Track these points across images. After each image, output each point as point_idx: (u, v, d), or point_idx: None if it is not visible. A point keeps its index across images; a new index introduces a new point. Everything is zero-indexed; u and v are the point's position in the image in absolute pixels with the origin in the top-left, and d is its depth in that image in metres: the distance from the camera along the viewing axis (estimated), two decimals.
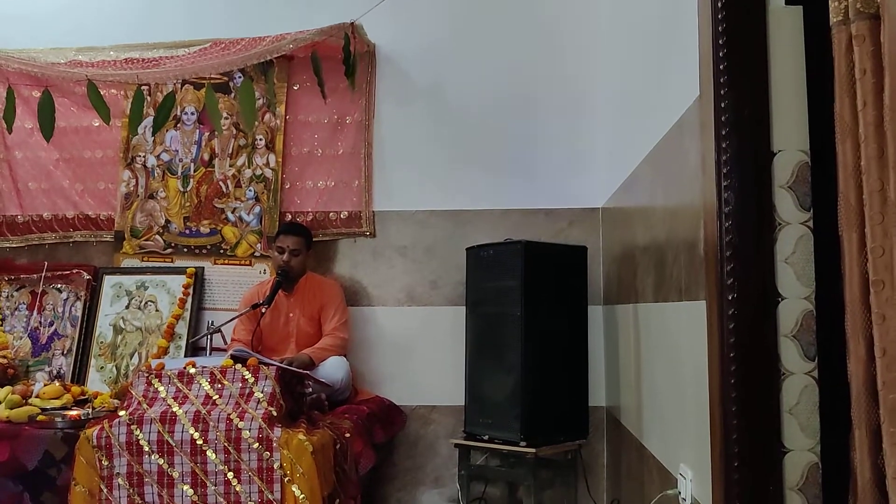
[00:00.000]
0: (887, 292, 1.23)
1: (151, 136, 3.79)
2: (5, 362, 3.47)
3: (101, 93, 3.22)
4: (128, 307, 3.68)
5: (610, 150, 3.38)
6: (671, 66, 2.14)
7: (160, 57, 3.61)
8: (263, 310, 3.30)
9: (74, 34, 3.75)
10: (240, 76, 3.76)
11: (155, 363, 2.79)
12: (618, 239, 3.17)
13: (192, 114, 3.84)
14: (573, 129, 3.63)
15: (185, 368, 2.72)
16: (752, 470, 1.52)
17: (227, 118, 3.80)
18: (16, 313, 3.74)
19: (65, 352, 3.64)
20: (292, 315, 3.44)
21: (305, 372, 2.97)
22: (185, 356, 3.47)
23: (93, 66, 3.59)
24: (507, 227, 3.57)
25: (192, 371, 2.71)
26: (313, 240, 3.55)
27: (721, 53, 1.59)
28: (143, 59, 3.61)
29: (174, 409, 2.59)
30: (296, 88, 3.80)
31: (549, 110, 3.65)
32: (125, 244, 3.79)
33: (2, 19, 3.87)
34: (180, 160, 3.83)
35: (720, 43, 1.59)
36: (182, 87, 3.83)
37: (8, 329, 3.70)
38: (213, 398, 2.64)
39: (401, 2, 3.56)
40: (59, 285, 3.74)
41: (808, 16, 1.58)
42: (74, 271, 3.72)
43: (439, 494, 3.57)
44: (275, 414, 2.58)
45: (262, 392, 2.63)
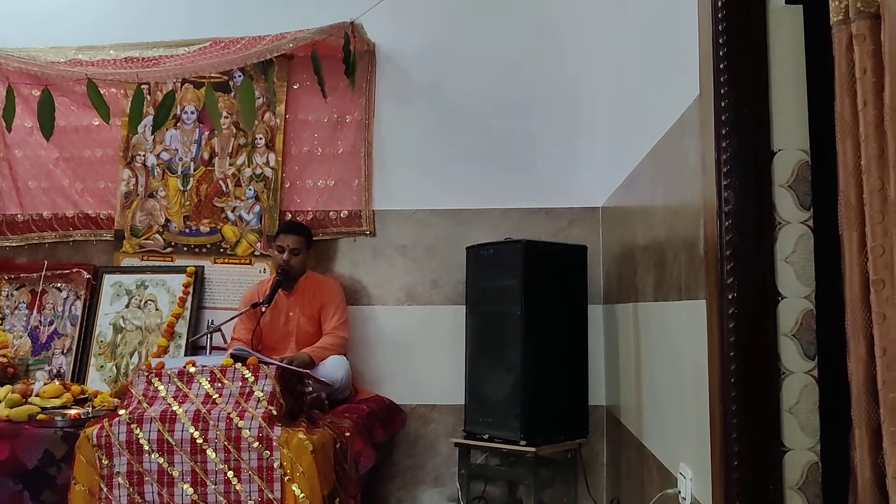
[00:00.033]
0: (887, 291, 1.23)
1: (151, 134, 3.79)
2: (5, 361, 3.47)
3: (101, 92, 3.22)
4: (128, 306, 3.68)
5: (610, 149, 3.38)
6: (671, 66, 2.14)
7: (160, 56, 3.61)
8: (263, 309, 3.30)
9: (74, 33, 3.76)
10: (240, 75, 3.76)
11: (155, 362, 2.79)
12: (618, 238, 3.17)
13: (192, 113, 3.84)
14: (573, 128, 3.63)
15: (185, 367, 2.72)
16: (752, 469, 1.52)
17: (226, 117, 3.79)
18: (16, 312, 3.74)
19: (65, 351, 3.64)
20: (292, 314, 3.44)
21: (305, 371, 2.97)
22: (185, 355, 3.47)
23: (93, 64, 3.60)
24: (508, 227, 3.57)
25: (192, 370, 2.71)
26: (313, 239, 3.55)
27: (721, 52, 1.59)
28: (142, 58, 3.62)
29: (174, 408, 2.59)
30: (296, 87, 3.80)
31: (549, 109, 3.65)
32: (125, 243, 3.79)
33: (2, 18, 3.87)
34: (180, 159, 3.82)
35: (720, 42, 1.59)
36: (182, 86, 3.83)
37: (8, 328, 3.70)
38: (213, 397, 2.64)
39: (401, 1, 3.56)
40: (59, 284, 3.74)
41: (808, 15, 1.58)
42: (74, 270, 3.72)
43: (439, 493, 3.57)
44: (275, 413, 2.58)
45: (262, 391, 2.63)
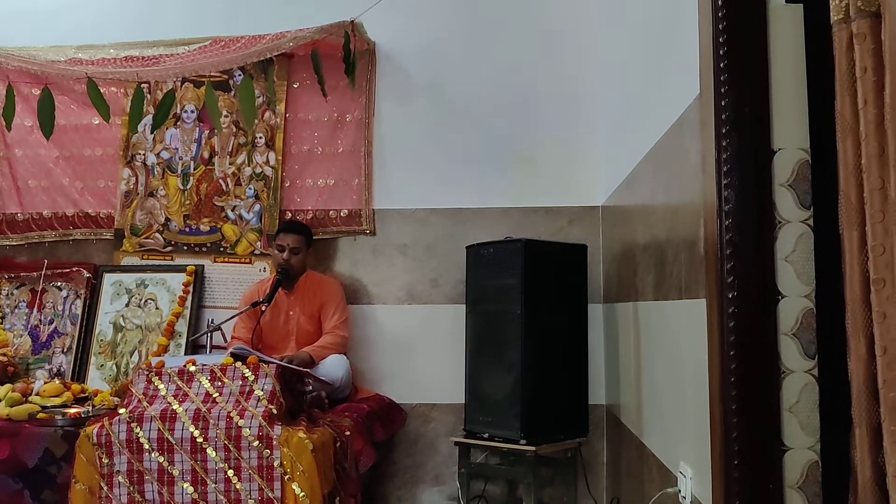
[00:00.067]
0: (888, 290, 1.23)
1: (151, 133, 3.79)
2: (5, 360, 3.47)
3: (101, 91, 3.22)
4: (128, 305, 3.68)
5: (610, 148, 3.38)
6: (671, 65, 2.14)
7: (160, 55, 3.61)
8: (263, 308, 3.30)
9: (74, 32, 3.76)
10: (240, 74, 3.76)
11: (155, 361, 2.79)
12: (618, 237, 3.17)
13: (192, 112, 3.84)
14: (573, 127, 3.63)
15: (185, 366, 2.72)
16: (752, 468, 1.52)
17: (226, 116, 3.79)
18: (16, 311, 3.74)
19: (65, 350, 3.64)
20: (292, 313, 3.44)
21: (305, 370, 2.97)
22: (186, 354, 3.46)
23: (93, 63, 3.60)
24: (508, 226, 3.57)
25: (193, 369, 2.71)
26: (313, 238, 3.55)
27: (721, 51, 1.59)
28: (142, 56, 3.62)
29: (174, 407, 2.59)
30: (296, 86, 3.80)
31: (549, 109, 3.65)
32: (125, 242, 3.79)
33: (2, 17, 3.87)
34: (180, 158, 3.82)
35: (720, 41, 1.59)
36: (182, 85, 3.82)
37: (8, 327, 3.70)
38: (214, 396, 2.64)
39: (401, 0, 3.56)
40: (59, 283, 3.74)
41: (808, 14, 1.58)
42: (74, 269, 3.72)
43: (439, 492, 3.57)
44: (275, 412, 2.58)
45: (263, 390, 2.63)
